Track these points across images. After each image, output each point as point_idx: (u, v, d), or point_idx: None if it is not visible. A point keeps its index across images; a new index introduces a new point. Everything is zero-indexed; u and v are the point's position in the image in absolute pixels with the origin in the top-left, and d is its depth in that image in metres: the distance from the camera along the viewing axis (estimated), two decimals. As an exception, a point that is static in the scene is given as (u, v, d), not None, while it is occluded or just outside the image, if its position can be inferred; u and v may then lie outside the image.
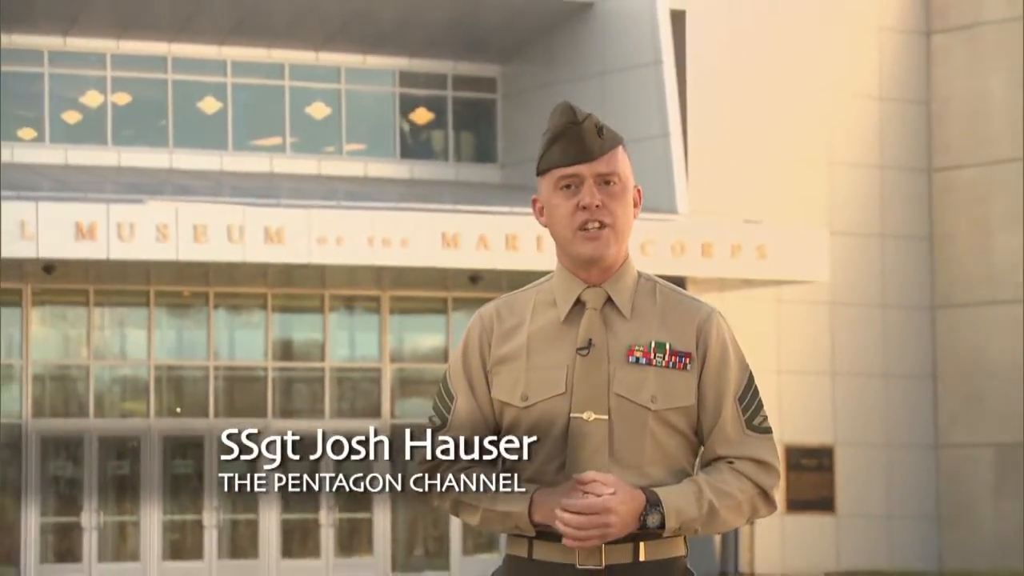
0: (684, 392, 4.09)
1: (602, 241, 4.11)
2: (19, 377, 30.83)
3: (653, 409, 4.05)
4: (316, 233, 29.02)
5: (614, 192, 4.12)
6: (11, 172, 30.74)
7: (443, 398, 4.30)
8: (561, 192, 4.15)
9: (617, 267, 4.18)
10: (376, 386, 32.56)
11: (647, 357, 4.08)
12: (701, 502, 4.02)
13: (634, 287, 4.19)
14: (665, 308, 4.17)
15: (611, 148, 4.15)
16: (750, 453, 4.07)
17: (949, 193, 35.36)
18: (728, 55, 33.68)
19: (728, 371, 4.12)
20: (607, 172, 4.11)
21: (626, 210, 4.15)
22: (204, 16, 32.13)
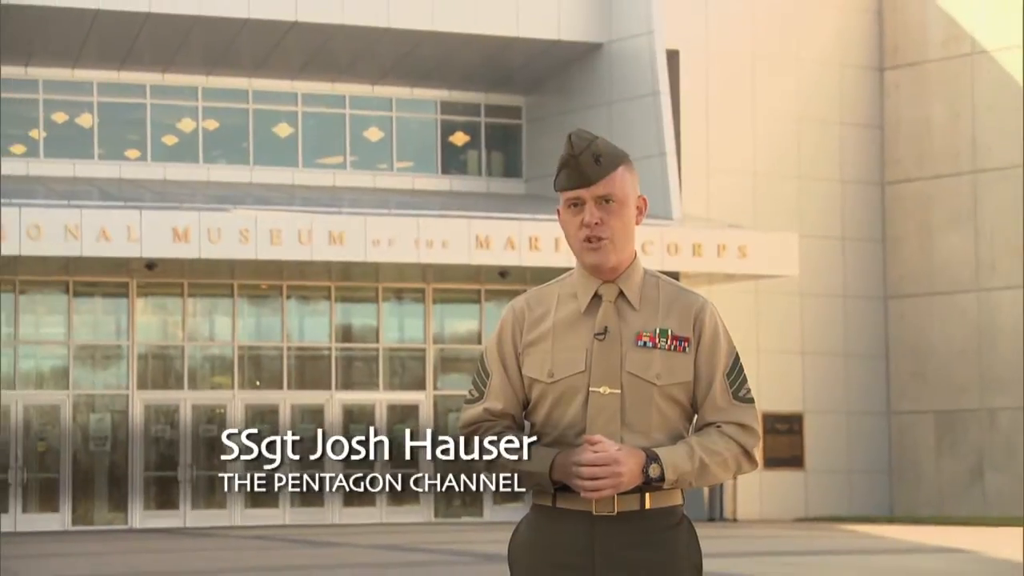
0: (683, 370, 4.08)
1: (602, 252, 4.11)
2: (126, 356, 30.89)
3: (658, 384, 4.05)
4: (371, 236, 28.95)
5: (612, 209, 4.09)
6: (120, 186, 30.92)
7: (480, 375, 4.24)
8: (570, 210, 4.13)
9: (626, 266, 4.16)
10: (421, 363, 32.50)
11: (653, 341, 4.07)
12: (693, 458, 4.01)
13: (641, 282, 4.17)
14: (667, 300, 4.15)
15: (609, 172, 4.12)
16: (735, 418, 4.06)
17: (898, 202, 35.29)
18: (714, 87, 33.63)
19: (719, 352, 4.11)
20: (604, 193, 4.08)
21: (624, 222, 4.13)
22: (279, 56, 32.02)
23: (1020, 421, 33.41)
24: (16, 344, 30.60)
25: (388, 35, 31.42)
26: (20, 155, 31.87)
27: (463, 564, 18.65)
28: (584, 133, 4.16)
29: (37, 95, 31.89)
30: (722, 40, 33.69)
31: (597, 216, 4.08)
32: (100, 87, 32.19)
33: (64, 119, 32.15)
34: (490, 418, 4.19)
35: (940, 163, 34.59)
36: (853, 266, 34.98)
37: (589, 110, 32.88)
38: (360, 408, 32.23)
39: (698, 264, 30.35)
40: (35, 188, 29.86)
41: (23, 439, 30.22)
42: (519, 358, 4.17)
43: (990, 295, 33.83)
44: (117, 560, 20.38)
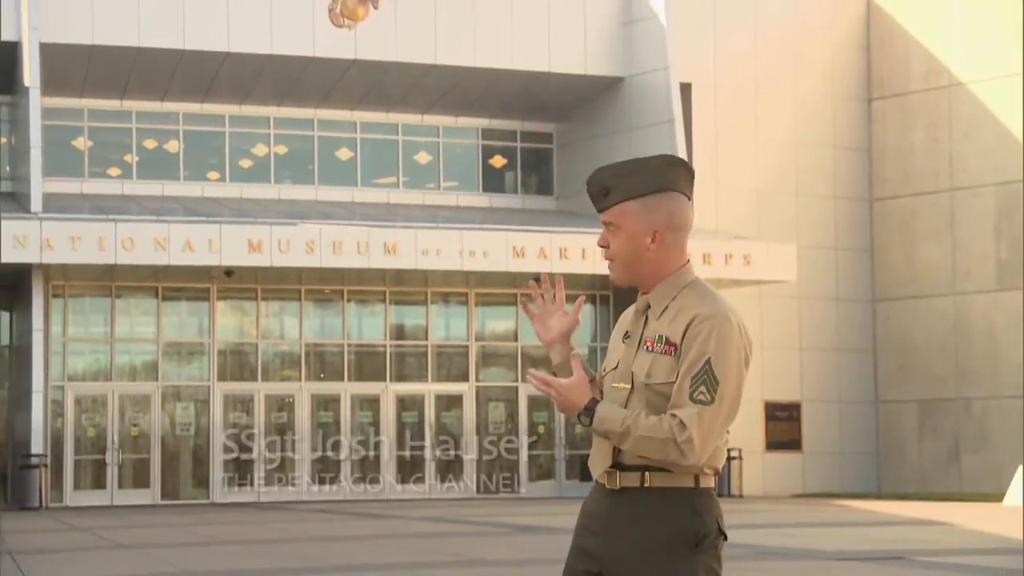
0: (668, 372, 3.99)
1: (612, 269, 4.14)
2: (208, 352, 31.00)
3: (647, 382, 4.02)
4: (421, 247, 28.92)
5: (615, 234, 4.09)
6: (202, 203, 30.99)
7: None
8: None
9: (659, 281, 4.10)
10: (465, 359, 32.48)
11: (651, 345, 4.04)
12: (621, 422, 3.94)
13: (674, 295, 4.08)
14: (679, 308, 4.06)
15: (614, 204, 4.09)
16: (679, 413, 3.92)
17: (885, 217, 35.14)
18: (722, 116, 33.51)
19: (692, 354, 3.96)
20: (607, 221, 4.10)
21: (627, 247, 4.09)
22: (340, 89, 32.02)
23: (991, 409, 33.29)
24: (113, 342, 30.76)
25: (435, 71, 31.42)
26: (116, 177, 31.97)
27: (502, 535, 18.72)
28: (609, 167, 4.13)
29: (131, 124, 32.00)
30: (728, 74, 33.60)
31: (604, 239, 4.13)
32: (185, 117, 32.29)
33: (154, 145, 32.23)
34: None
35: (921, 182, 34.46)
36: (845, 273, 34.88)
37: (612, 136, 32.82)
38: (411, 398, 32.23)
39: (707, 271, 30.18)
40: (129, 206, 29.95)
41: (119, 425, 30.34)
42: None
43: (965, 298, 33.70)
44: (200, 530, 20.51)
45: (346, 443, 31.34)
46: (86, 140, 31.72)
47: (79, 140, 31.65)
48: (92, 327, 30.80)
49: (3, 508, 28.66)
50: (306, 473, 31.04)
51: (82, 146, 31.69)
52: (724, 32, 33.56)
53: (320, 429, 31.46)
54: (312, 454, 31.18)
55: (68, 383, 30.07)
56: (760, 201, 33.84)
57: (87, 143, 31.73)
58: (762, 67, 33.98)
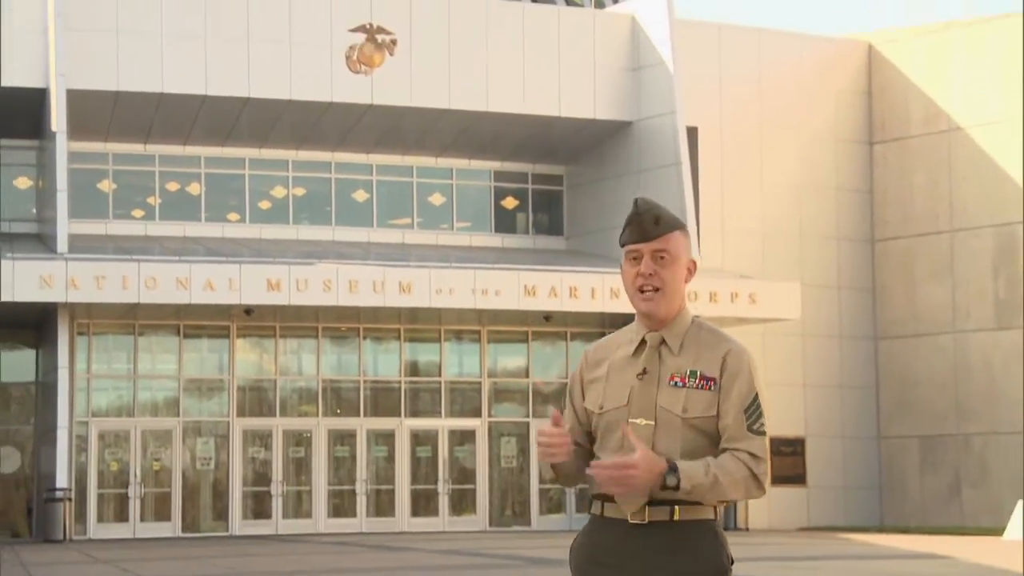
0: (707, 405, 4.03)
1: (654, 301, 4.08)
2: (228, 388, 30.99)
3: (684, 417, 4.02)
4: (435, 286, 28.90)
5: (665, 264, 4.07)
6: (223, 244, 31.01)
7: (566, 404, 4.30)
8: (629, 262, 4.12)
9: (672, 317, 4.13)
10: (478, 394, 32.42)
11: (683, 381, 4.04)
12: (708, 473, 3.96)
13: (685, 331, 4.12)
14: (702, 345, 4.11)
15: (666, 232, 4.10)
16: (747, 447, 4.00)
17: (886, 257, 35.12)
18: (728, 159, 33.54)
19: (740, 389, 4.05)
20: (660, 249, 4.06)
21: (675, 277, 4.09)
22: (356, 133, 32.04)
23: (991, 444, 33.22)
24: (135, 378, 30.80)
25: (449, 115, 31.48)
26: (139, 218, 32.05)
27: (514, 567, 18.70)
28: (648, 198, 4.17)
29: (154, 168, 32.09)
30: (734, 119, 33.66)
31: (652, 268, 4.08)
32: (207, 160, 32.35)
33: (176, 188, 32.29)
34: None
35: (922, 223, 34.47)
36: (847, 311, 34.85)
37: (620, 178, 32.82)
38: (425, 433, 32.22)
39: (714, 309, 30.15)
40: (152, 246, 30.04)
41: (141, 459, 30.37)
42: (583, 393, 4.20)
43: (965, 336, 33.68)
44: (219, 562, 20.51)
45: (362, 477, 31.31)
46: (111, 183, 31.83)
47: (104, 183, 31.77)
48: (115, 364, 30.86)
49: (28, 541, 28.70)
50: (323, 506, 31.02)
51: (107, 189, 31.80)
52: (729, 78, 33.63)
53: (336, 463, 31.44)
54: (328, 488, 31.16)
55: (92, 419, 30.11)
56: (765, 241, 33.86)
57: (111, 186, 31.85)
58: (767, 112, 34.04)
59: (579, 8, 38.49)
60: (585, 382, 4.19)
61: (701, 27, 33.66)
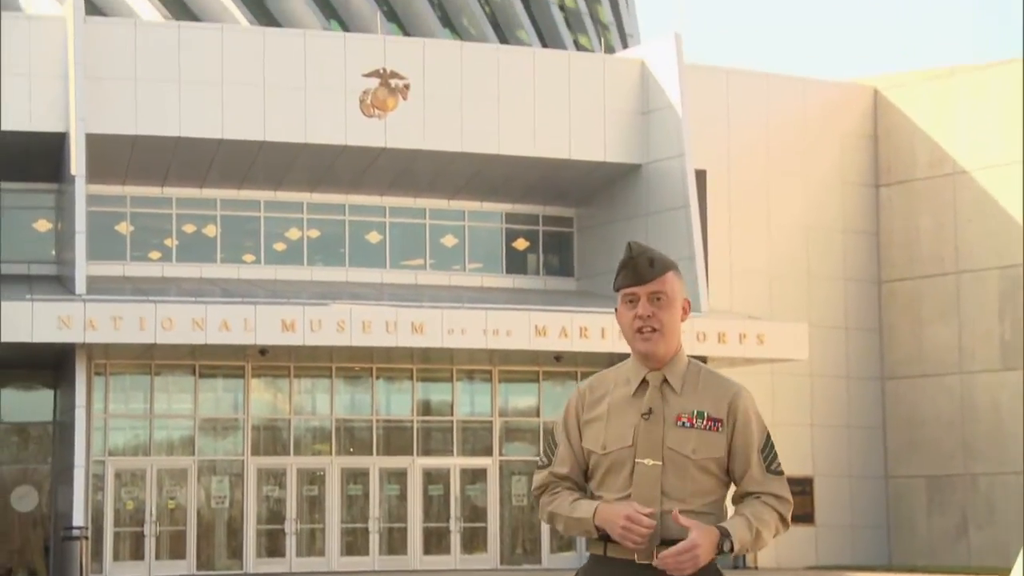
0: (716, 447, 4.05)
1: (653, 341, 4.09)
2: (242, 427, 30.95)
3: (694, 458, 4.04)
4: (447, 326, 28.88)
5: (662, 305, 4.08)
6: (238, 285, 31.05)
7: (550, 445, 4.26)
8: (626, 305, 4.14)
9: (671, 356, 4.13)
10: (489, 433, 32.36)
11: (691, 422, 4.03)
12: (751, 529, 4.05)
13: (685, 370, 4.13)
14: (705, 386, 4.11)
15: (661, 274, 4.10)
16: (771, 490, 4.08)
17: (892, 298, 35.11)
18: (735, 201, 33.56)
19: (752, 432, 4.07)
20: (656, 291, 4.08)
21: (672, 317, 4.10)
22: (370, 176, 32.06)
23: (998, 485, 33.13)
24: (152, 418, 30.81)
25: (462, 158, 31.52)
26: (156, 260, 32.07)
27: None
28: (640, 242, 4.19)
29: (171, 210, 32.13)
30: (742, 162, 33.71)
31: (649, 310, 4.08)
32: (223, 203, 32.39)
33: (193, 230, 32.32)
34: (555, 480, 4.21)
35: (928, 265, 34.49)
36: (855, 352, 34.80)
37: (630, 220, 32.83)
38: (437, 471, 32.18)
39: (722, 350, 30.17)
40: (168, 288, 30.10)
41: (156, 498, 30.34)
42: (580, 432, 4.17)
43: (971, 377, 33.64)
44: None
45: (374, 515, 31.26)
46: (128, 225, 31.92)
47: (122, 225, 31.86)
48: (132, 404, 30.89)
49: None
50: (336, 544, 30.96)
51: (124, 231, 31.89)
52: (737, 122, 33.72)
53: (349, 501, 31.41)
54: (342, 525, 31.12)
55: (109, 458, 30.13)
56: (772, 282, 33.86)
57: (129, 228, 31.93)
58: (774, 155, 34.10)
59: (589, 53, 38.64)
60: (582, 422, 4.16)
61: (709, 72, 33.74)
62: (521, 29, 42.17)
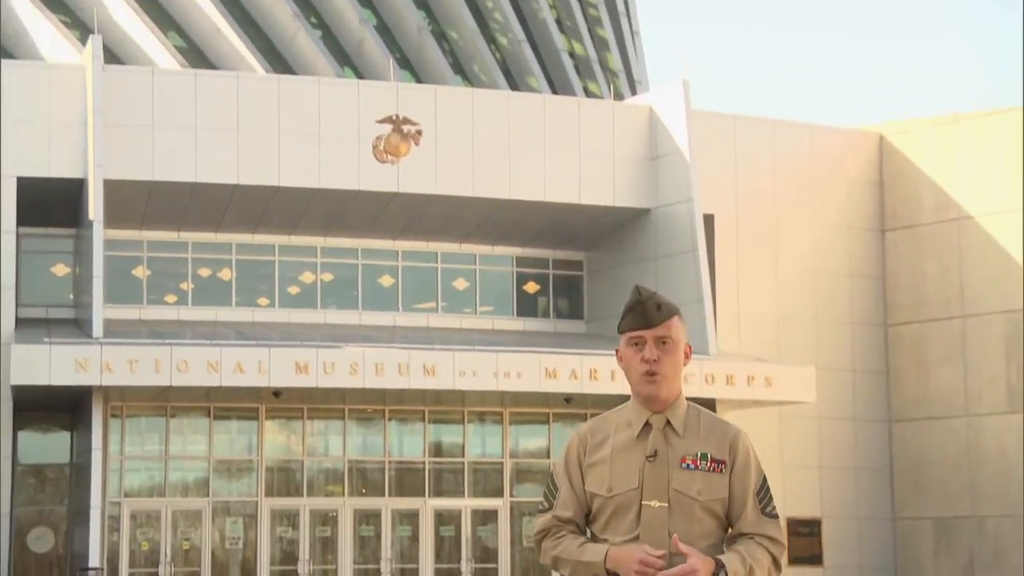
0: (720, 488, 4.10)
1: (657, 384, 4.10)
2: (256, 468, 30.94)
3: (700, 500, 4.08)
4: (458, 368, 28.90)
5: (667, 349, 4.11)
6: (252, 328, 31.13)
7: (551, 489, 4.28)
8: (632, 348, 4.15)
9: (673, 399, 4.14)
10: (500, 475, 32.30)
11: (695, 464, 4.07)
12: (745, 565, 4.05)
13: (685, 413, 4.15)
14: (707, 428, 4.14)
15: (667, 318, 4.13)
16: (766, 532, 4.11)
17: (899, 341, 35.08)
18: (743, 245, 33.61)
19: (750, 474, 4.12)
20: (663, 335, 4.10)
21: (676, 361, 4.14)
22: (383, 220, 32.15)
23: (1005, 527, 33.01)
24: (167, 459, 30.82)
25: (473, 203, 31.59)
26: (172, 303, 32.14)
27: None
28: (647, 287, 4.23)
29: (187, 254, 32.22)
30: (749, 206, 33.76)
31: (655, 354, 4.11)
32: (238, 247, 32.48)
33: (208, 274, 32.40)
34: (558, 524, 4.22)
35: (933, 309, 34.49)
36: (862, 394, 34.76)
37: (639, 264, 32.87)
38: (449, 512, 32.12)
39: (731, 392, 30.15)
40: (184, 331, 30.17)
41: (171, 539, 30.30)
42: (583, 475, 4.19)
43: (977, 420, 33.59)
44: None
45: (386, 556, 31.17)
46: (145, 269, 32.02)
47: (138, 269, 31.97)
48: (147, 445, 30.89)
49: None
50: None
51: (141, 275, 31.98)
52: (745, 167, 33.79)
53: (362, 543, 31.34)
54: (354, 567, 31.03)
55: (124, 499, 30.11)
56: (780, 326, 33.85)
57: (146, 272, 32.03)
58: (781, 200, 34.16)
59: (599, 99, 38.75)
60: (585, 465, 4.17)
61: (717, 118, 33.84)
62: (531, 76, 42.34)
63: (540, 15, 43.62)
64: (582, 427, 4.26)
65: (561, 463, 4.25)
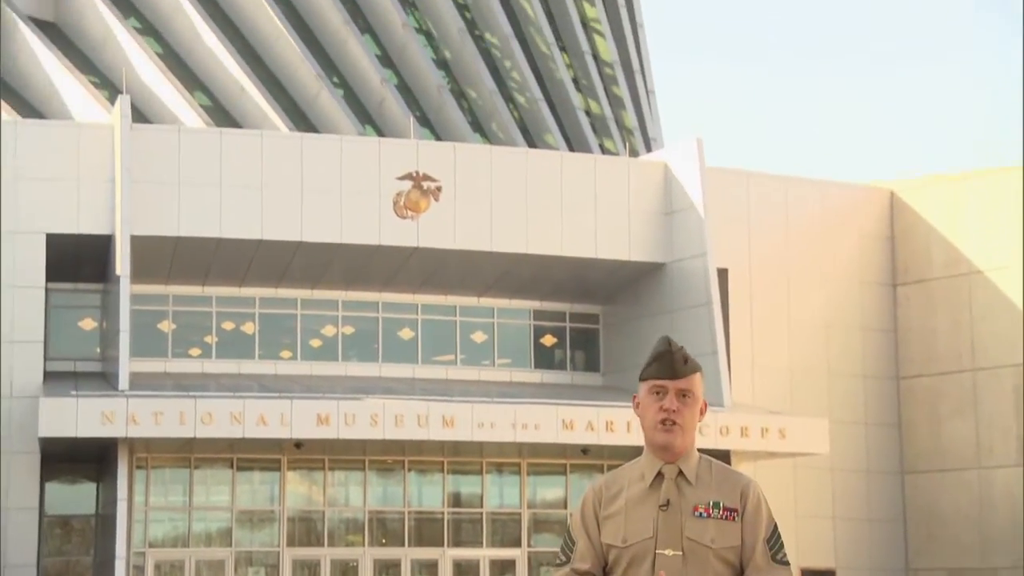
0: (733, 536, 4.12)
1: (674, 434, 4.13)
2: (278, 519, 30.93)
3: (713, 548, 4.09)
4: (477, 420, 28.91)
5: (687, 403, 4.15)
6: (275, 380, 31.21)
7: (567, 543, 4.28)
8: (652, 396, 4.18)
9: (686, 451, 4.18)
10: (518, 525, 32.23)
11: (708, 512, 4.10)
12: None
13: (697, 463, 4.18)
14: (718, 478, 4.17)
15: (691, 373, 4.18)
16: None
17: (911, 394, 35.04)
18: (757, 299, 33.62)
19: (760, 522, 4.14)
20: (685, 388, 4.14)
21: (694, 415, 4.17)
22: (403, 275, 32.28)
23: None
24: (190, 510, 30.82)
25: (491, 257, 31.71)
26: (196, 356, 32.27)
27: None
28: (675, 343, 4.26)
29: (211, 308, 32.35)
30: (762, 261, 33.81)
31: (676, 405, 4.14)
32: (261, 301, 32.61)
33: (232, 327, 32.53)
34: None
35: (945, 362, 34.44)
36: (874, 446, 34.65)
37: (655, 317, 32.87)
38: (467, 562, 31.99)
39: (745, 443, 30.08)
40: (208, 383, 30.24)
41: (196, 588, 30.26)
42: (599, 527, 4.20)
43: (989, 472, 33.42)
44: None
45: (406, 606, 31.05)
46: (170, 323, 32.15)
47: (164, 323, 32.10)
48: (171, 496, 30.91)
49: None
50: (369, 634, 30.71)
51: (166, 328, 32.12)
52: (758, 222, 33.87)
53: (382, 592, 31.23)
54: (374, 617, 30.90)
55: (149, 549, 30.08)
56: (793, 378, 33.80)
57: (171, 326, 32.16)
58: (794, 254, 34.21)
59: (614, 156, 38.88)
60: (601, 517, 4.19)
61: (731, 174, 33.95)
62: (548, 133, 42.52)
63: (557, 74, 43.87)
64: (597, 481, 4.30)
65: (577, 516, 4.28)
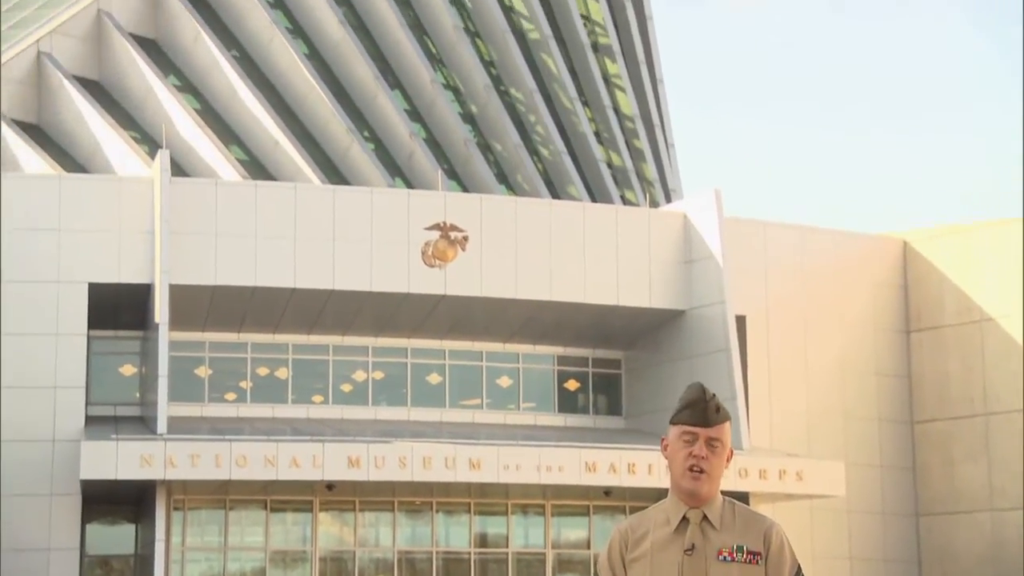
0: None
1: (701, 481, 4.11)
2: (310, 559, 30.95)
3: None
4: (503, 462, 29.02)
5: (716, 451, 4.12)
6: (307, 424, 31.33)
7: None
8: (682, 441, 4.16)
9: (711, 497, 4.16)
10: (543, 565, 32.15)
11: (731, 556, 4.06)
12: None
13: (721, 508, 4.15)
14: (742, 521, 4.13)
15: (722, 422, 4.14)
16: None
17: (925, 438, 34.95)
18: (774, 345, 33.62)
19: (784, 564, 4.09)
20: (715, 437, 4.12)
21: (721, 463, 4.15)
22: (431, 322, 32.39)
23: (1030, 617, 32.62)
24: (226, 550, 30.90)
25: (516, 304, 31.81)
26: (231, 401, 32.45)
27: None
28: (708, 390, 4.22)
29: (246, 355, 32.52)
30: (779, 308, 33.82)
31: (704, 452, 4.12)
32: (294, 347, 32.72)
33: (266, 372, 32.65)
34: None
35: (958, 407, 34.38)
36: (889, 489, 34.55)
37: (675, 363, 32.88)
38: (493, 601, 31.96)
39: (763, 486, 30.08)
40: (242, 427, 30.42)
41: (229, 626, 30.27)
42: (626, 570, 4.17)
43: (1001, 514, 33.30)
44: None
45: (433, 644, 30.97)
46: (207, 369, 32.35)
47: (201, 369, 32.30)
48: (207, 537, 31.00)
49: None
50: (397, 671, 30.65)
51: (203, 374, 32.31)
52: (775, 271, 33.93)
53: (410, 631, 31.18)
54: (402, 655, 30.83)
55: (185, 588, 30.20)
56: (810, 422, 33.75)
57: (208, 371, 32.36)
58: (810, 302, 34.22)
59: (635, 207, 39.09)
60: (627, 560, 4.16)
61: (748, 224, 34.03)
62: (572, 185, 42.78)
63: (580, 128, 44.16)
64: (623, 523, 4.25)
65: (604, 558, 4.23)
